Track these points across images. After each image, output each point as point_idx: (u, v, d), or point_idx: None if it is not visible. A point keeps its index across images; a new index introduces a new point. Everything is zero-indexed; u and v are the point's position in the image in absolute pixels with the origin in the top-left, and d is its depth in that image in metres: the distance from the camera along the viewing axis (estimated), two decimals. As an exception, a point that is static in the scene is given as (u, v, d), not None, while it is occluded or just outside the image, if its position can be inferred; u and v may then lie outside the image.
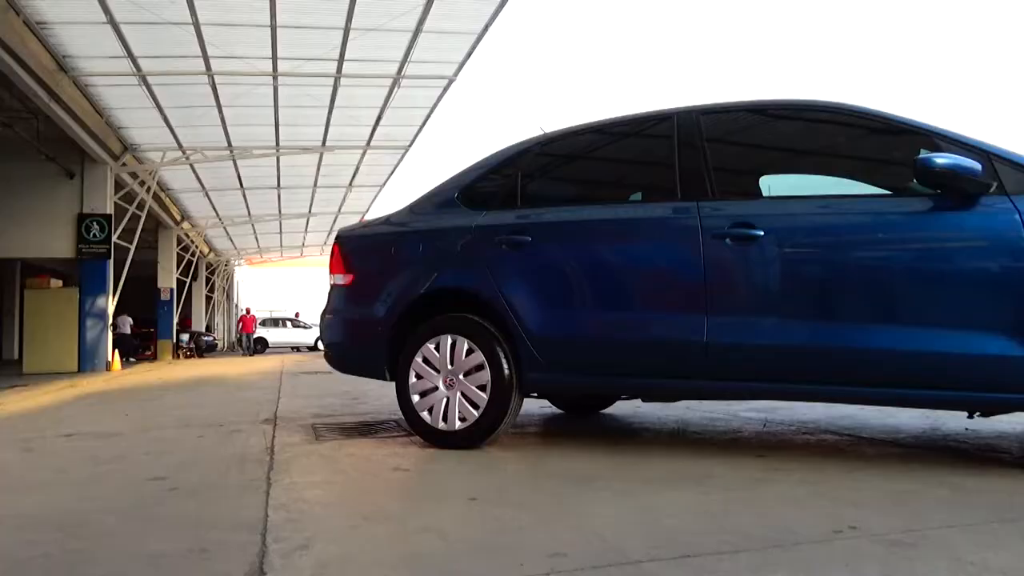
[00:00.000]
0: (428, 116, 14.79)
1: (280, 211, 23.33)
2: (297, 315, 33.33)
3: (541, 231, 3.44)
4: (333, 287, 3.99)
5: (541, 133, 3.79)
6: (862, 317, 2.82)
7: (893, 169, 3.12)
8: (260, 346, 29.19)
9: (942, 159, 2.63)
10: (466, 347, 3.41)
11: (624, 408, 4.92)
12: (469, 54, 11.84)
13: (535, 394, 3.87)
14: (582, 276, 3.34)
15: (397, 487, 2.77)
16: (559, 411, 4.84)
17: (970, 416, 3.22)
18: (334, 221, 24.28)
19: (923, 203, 2.79)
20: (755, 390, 3.10)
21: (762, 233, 2.93)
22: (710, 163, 3.21)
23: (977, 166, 2.62)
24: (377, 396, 6.11)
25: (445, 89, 13.28)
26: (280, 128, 14.84)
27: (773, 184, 3.39)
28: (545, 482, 2.74)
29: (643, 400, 3.78)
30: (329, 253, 4.15)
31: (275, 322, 31.80)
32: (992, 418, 3.87)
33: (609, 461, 3.08)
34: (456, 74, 12.58)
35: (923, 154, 2.71)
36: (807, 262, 2.97)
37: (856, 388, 2.84)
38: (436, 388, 3.46)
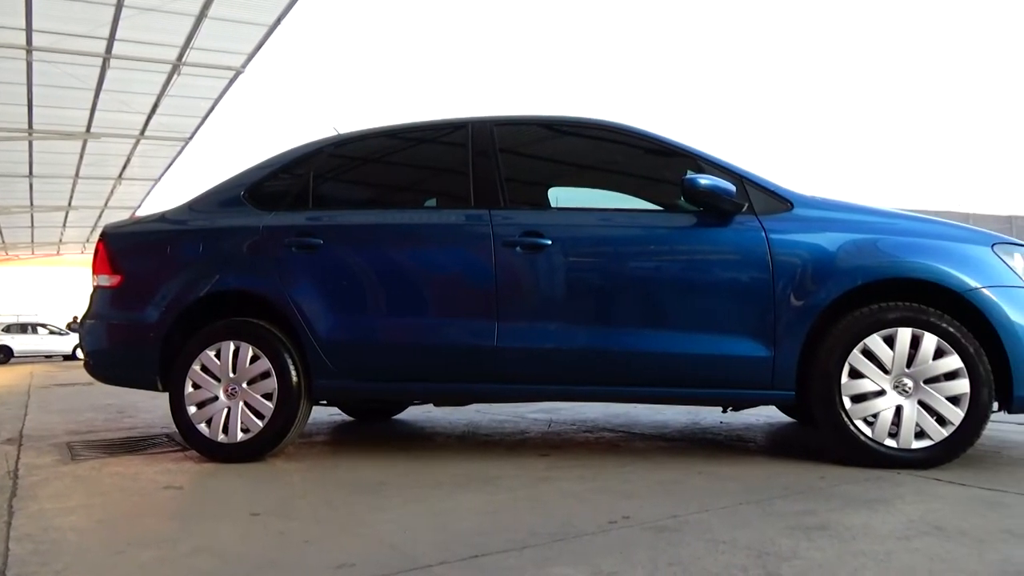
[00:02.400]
0: (212, 107, 13.87)
1: (32, 202, 20.63)
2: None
3: (333, 234, 3.35)
4: (97, 289, 3.59)
5: (335, 134, 3.69)
6: (635, 322, 3.06)
7: (664, 187, 3.41)
8: (2, 355, 25.54)
9: (704, 180, 2.93)
10: (250, 354, 3.23)
11: (416, 413, 4.92)
12: (259, 46, 11.28)
13: (325, 402, 3.76)
14: (375, 281, 3.29)
15: (169, 507, 2.55)
16: (350, 418, 4.73)
17: (724, 411, 3.61)
18: (99, 216, 21.97)
19: (688, 219, 3.08)
20: (542, 392, 3.25)
21: (550, 242, 3.08)
22: (503, 173, 3.31)
23: (732, 187, 2.95)
24: (147, 409, 5.59)
25: (232, 80, 12.54)
26: (34, 109, 13.15)
27: (560, 196, 3.58)
28: (333, 492, 2.66)
29: (435, 405, 3.80)
30: (93, 251, 3.73)
31: (22, 328, 27.98)
32: (741, 412, 4.37)
33: (400, 467, 3.06)
34: (245, 66, 11.93)
35: (689, 175, 3.00)
36: (589, 271, 3.16)
37: (630, 388, 3.08)
38: (216, 398, 3.24)
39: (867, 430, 2.76)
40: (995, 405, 2.76)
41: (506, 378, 3.12)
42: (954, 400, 2.71)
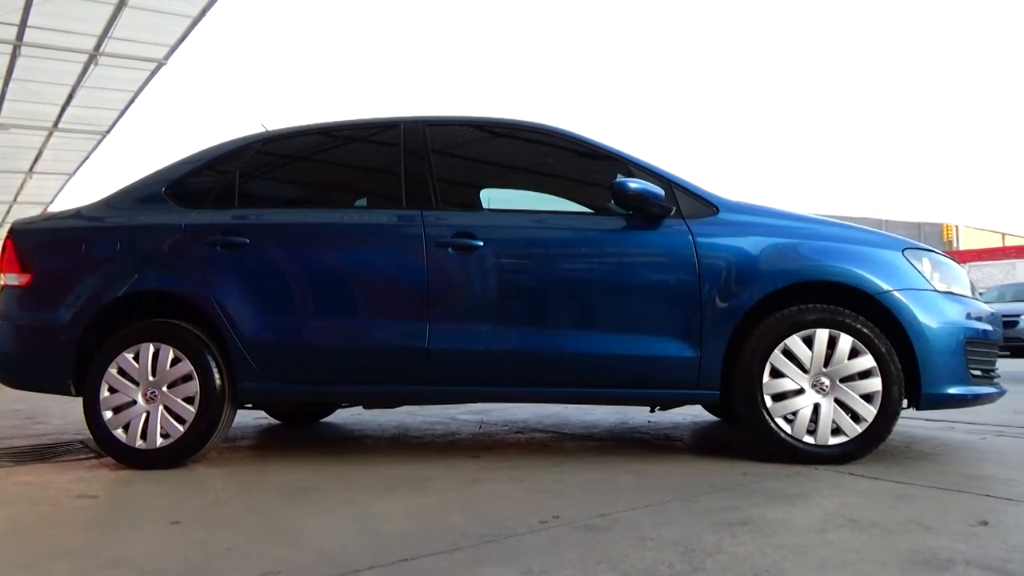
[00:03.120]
0: (132, 100, 13.33)
1: (-69, 196, 19.43)
2: None
3: (260, 233, 3.26)
4: (4, 288, 3.40)
5: (263, 130, 3.60)
6: (566, 323, 3.09)
7: (595, 190, 3.46)
8: None
9: (634, 184, 2.98)
10: (171, 356, 3.12)
11: (344, 416, 4.85)
12: (183, 38, 10.91)
13: (250, 405, 3.66)
14: (303, 281, 3.23)
15: (82, 517, 2.43)
16: (276, 422, 4.62)
17: (652, 410, 3.68)
18: (8, 211, 20.82)
19: (618, 222, 3.13)
20: (473, 393, 3.25)
21: (482, 243, 3.09)
22: (435, 173, 3.30)
23: (661, 192, 3.01)
24: (60, 414, 5.33)
25: (153, 73, 12.09)
26: (-67, 96, 12.39)
27: (493, 197, 3.59)
28: (259, 498, 2.59)
29: (364, 407, 3.75)
30: (0, 248, 3.53)
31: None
32: (669, 411, 4.47)
33: (328, 471, 3.01)
34: (167, 58, 11.51)
35: (619, 178, 3.05)
36: (521, 272, 3.18)
37: (561, 389, 3.11)
38: (134, 402, 3.11)
39: (787, 427, 2.86)
40: (905, 402, 2.91)
41: (437, 380, 3.10)
42: (867, 398, 2.84)
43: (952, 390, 2.87)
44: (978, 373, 2.96)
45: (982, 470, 2.76)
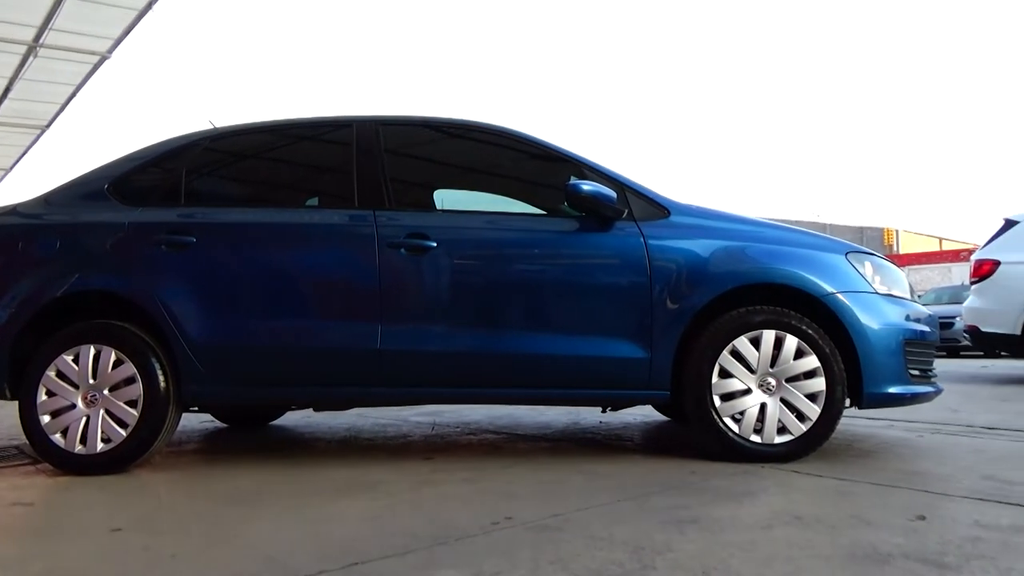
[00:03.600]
0: (74, 94, 12.89)
1: None
2: None
3: (208, 232, 3.19)
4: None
5: (211, 127, 3.52)
6: (519, 325, 3.09)
7: (548, 192, 3.47)
8: None
9: (587, 186, 3.00)
10: (113, 358, 3.02)
11: (294, 418, 4.77)
12: (128, 31, 10.59)
13: (195, 408, 3.57)
14: (252, 281, 3.16)
15: (17, 525, 2.34)
16: (223, 425, 4.52)
17: (603, 411, 3.72)
18: (-61, 208, 19.87)
19: (571, 224, 3.15)
20: (426, 395, 3.24)
21: (435, 244, 3.07)
22: (388, 173, 3.27)
23: (613, 194, 3.04)
24: (-6, 418, 5.12)
25: (97, 66, 11.71)
26: None
27: (446, 198, 3.57)
28: (205, 503, 2.53)
29: (315, 410, 3.70)
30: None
31: None
32: (620, 411, 4.51)
33: (277, 475, 2.96)
34: (111, 51, 11.17)
35: (572, 180, 3.07)
36: (474, 273, 3.17)
37: (514, 390, 3.12)
38: (73, 406, 3.01)
39: (735, 427, 2.92)
40: (847, 401, 2.99)
41: (389, 381, 3.08)
42: (812, 397, 2.91)
43: (892, 389, 2.96)
44: (916, 373, 3.06)
45: (920, 466, 2.85)
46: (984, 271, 7.08)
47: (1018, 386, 6.54)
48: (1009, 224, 7.14)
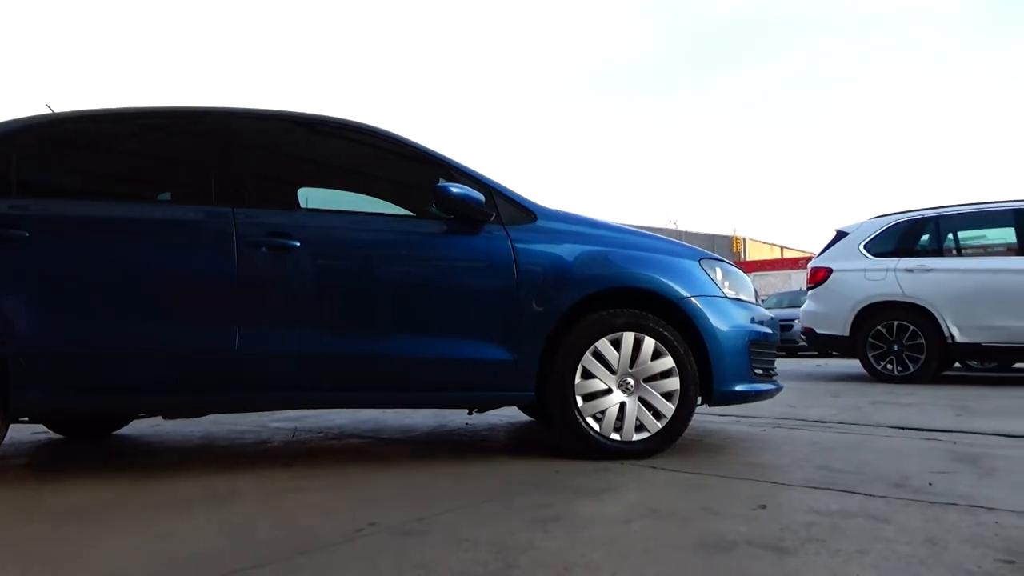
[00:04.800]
0: None
1: None
2: None
3: (43, 226, 2.91)
4: None
5: (48, 111, 3.23)
6: (385, 327, 3.05)
7: (416, 193, 3.45)
8: None
9: (456, 189, 3.01)
10: (-74, 364, 2.71)
11: (141, 427, 4.46)
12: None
13: (27, 418, 3.26)
14: (96, 280, 2.92)
15: None
16: (58, 436, 4.16)
17: (470, 413, 3.73)
18: None
19: (439, 226, 3.14)
20: (286, 400, 3.12)
21: (298, 244, 2.97)
22: (248, 169, 3.13)
23: (481, 197, 3.07)
24: None
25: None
26: None
27: (311, 197, 3.47)
28: (39, 522, 2.31)
29: (164, 417, 3.47)
30: None
31: None
32: (486, 413, 4.55)
33: (122, 488, 2.75)
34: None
35: (441, 182, 3.07)
36: (338, 274, 3.09)
37: (378, 393, 3.07)
38: None
39: (596, 426, 3.02)
40: (699, 399, 3.17)
41: (247, 385, 2.94)
42: (667, 396, 3.06)
43: (739, 387, 3.17)
44: (760, 372, 3.29)
45: (762, 459, 3.07)
46: (818, 278, 7.74)
47: (848, 383, 7.19)
48: (840, 235, 7.84)
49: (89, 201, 3.14)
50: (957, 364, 8.89)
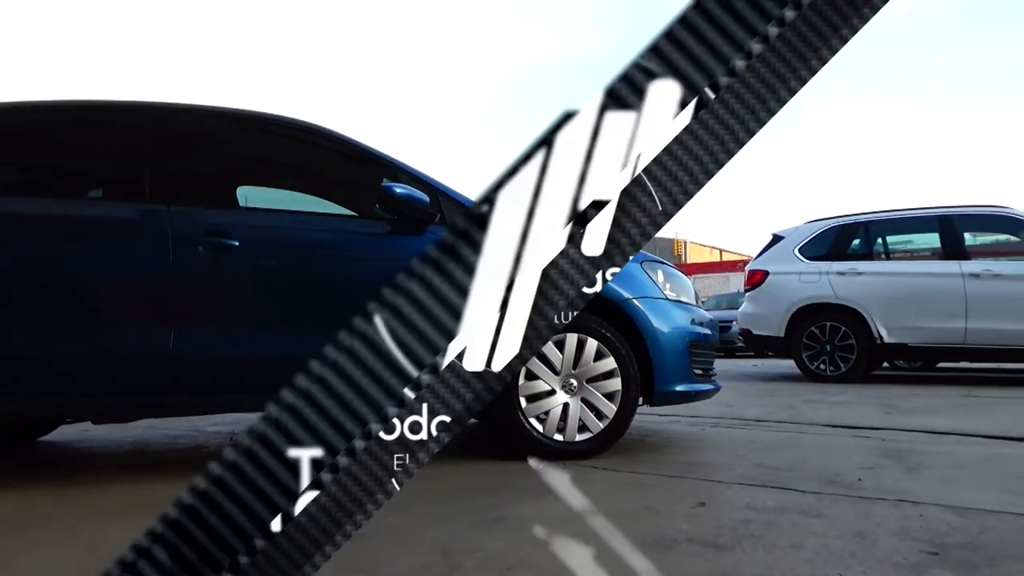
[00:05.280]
0: None
1: None
2: None
3: (-38, 222, 2.78)
4: None
5: (-32, 102, 3.08)
6: (328, 328, 2.99)
7: (360, 193, 3.41)
8: None
9: (400, 189, 2.99)
10: None
11: (68, 432, 4.29)
12: None
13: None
14: (18, 278, 2.80)
15: None
16: (-19, 443, 3.97)
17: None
18: None
19: (382, 226, 3.12)
20: (226, 403, 3.04)
21: (237, 243, 2.90)
22: (185, 166, 3.05)
23: (426, 198, 3.05)
24: None
25: None
26: None
27: (251, 195, 3.39)
28: (-46, 533, 2.20)
29: (93, 422, 3.34)
30: None
31: None
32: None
33: (47, 497, 2.64)
34: None
35: (385, 183, 3.04)
36: (279, 274, 3.03)
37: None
38: None
39: (539, 427, 3.04)
40: (640, 399, 3.22)
41: (183, 389, 2.86)
42: (609, 396, 3.10)
43: (680, 387, 3.23)
44: (700, 372, 3.36)
45: (702, 457, 3.14)
46: (755, 280, 7.95)
47: (783, 382, 7.40)
48: (776, 239, 8.07)
49: (16, 197, 3.01)
50: (886, 364, 9.24)
